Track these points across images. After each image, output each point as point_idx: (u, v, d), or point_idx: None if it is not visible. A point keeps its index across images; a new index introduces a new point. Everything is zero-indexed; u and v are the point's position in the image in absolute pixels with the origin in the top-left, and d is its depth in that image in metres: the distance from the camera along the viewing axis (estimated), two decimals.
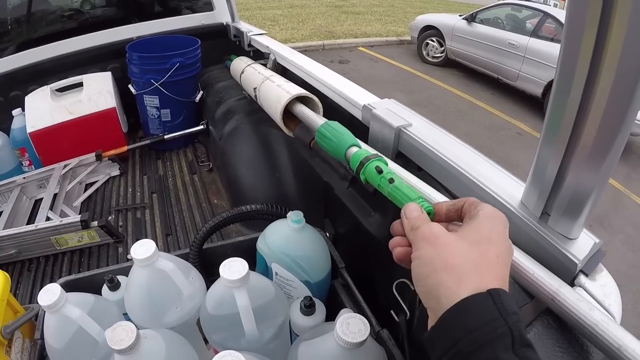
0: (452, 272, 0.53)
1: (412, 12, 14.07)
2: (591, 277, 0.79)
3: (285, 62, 2.11)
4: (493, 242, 0.56)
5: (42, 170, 2.40)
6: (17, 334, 1.07)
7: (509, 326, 0.47)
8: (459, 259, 0.54)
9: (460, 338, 0.47)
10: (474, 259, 0.54)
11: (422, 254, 0.57)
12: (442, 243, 0.56)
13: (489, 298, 0.49)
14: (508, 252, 0.58)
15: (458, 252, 0.54)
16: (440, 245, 0.56)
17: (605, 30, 0.57)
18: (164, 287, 0.94)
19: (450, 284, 0.52)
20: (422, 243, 0.58)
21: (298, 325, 1.02)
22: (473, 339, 0.47)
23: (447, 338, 0.49)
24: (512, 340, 0.46)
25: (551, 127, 0.73)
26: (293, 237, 1.07)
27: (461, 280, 0.51)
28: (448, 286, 0.51)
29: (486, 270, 0.53)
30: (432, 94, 8.02)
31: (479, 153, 1.08)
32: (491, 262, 0.54)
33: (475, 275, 0.52)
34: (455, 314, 0.50)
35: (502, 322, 0.47)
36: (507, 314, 0.48)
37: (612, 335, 0.63)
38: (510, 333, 0.46)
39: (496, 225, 0.58)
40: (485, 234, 0.57)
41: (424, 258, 0.56)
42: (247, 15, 12.31)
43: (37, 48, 2.64)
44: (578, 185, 0.73)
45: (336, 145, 1.11)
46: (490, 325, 0.47)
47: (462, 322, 0.48)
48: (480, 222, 0.58)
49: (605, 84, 0.60)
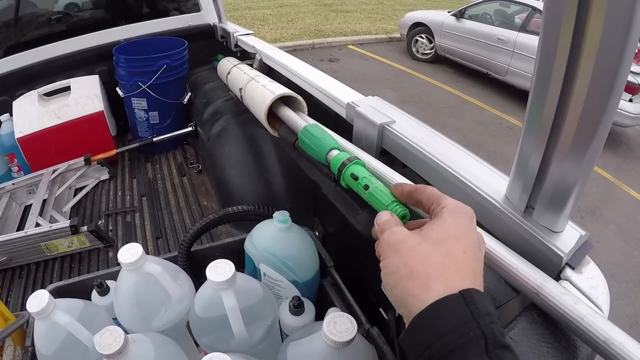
0: (417, 279, 0.52)
1: (401, 9, 14.06)
2: (577, 270, 0.79)
3: (271, 62, 2.11)
4: (458, 239, 0.56)
5: (31, 176, 2.38)
6: (8, 341, 1.06)
7: (481, 329, 0.46)
8: (423, 264, 0.53)
9: (432, 342, 0.47)
10: (438, 261, 0.53)
11: (388, 262, 0.57)
12: (405, 249, 0.56)
13: (461, 299, 0.49)
14: (477, 246, 0.57)
15: (422, 257, 0.54)
16: (403, 252, 0.56)
17: (584, 20, 0.57)
18: (152, 291, 0.94)
19: (417, 291, 0.51)
20: (386, 250, 0.58)
21: (287, 326, 1.02)
22: (445, 343, 0.46)
23: (419, 342, 0.49)
24: (485, 343, 0.45)
25: (532, 119, 0.73)
26: (280, 237, 1.07)
27: (427, 286, 0.51)
28: (414, 294, 0.51)
29: (453, 271, 0.53)
30: (422, 90, 8.03)
31: (463, 149, 1.09)
32: (458, 260, 0.54)
33: (441, 279, 0.51)
34: (426, 318, 0.49)
35: (475, 325, 0.47)
36: (480, 315, 0.47)
37: (598, 329, 0.63)
38: (483, 336, 0.46)
39: (461, 220, 0.58)
40: (450, 232, 0.56)
41: (389, 267, 0.56)
42: (237, 15, 12.28)
43: (23, 52, 2.62)
44: (561, 177, 0.73)
45: (316, 151, 1.12)
46: (462, 328, 0.46)
47: (433, 326, 0.48)
48: (445, 220, 0.58)
49: (584, 74, 0.61)
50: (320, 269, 1.16)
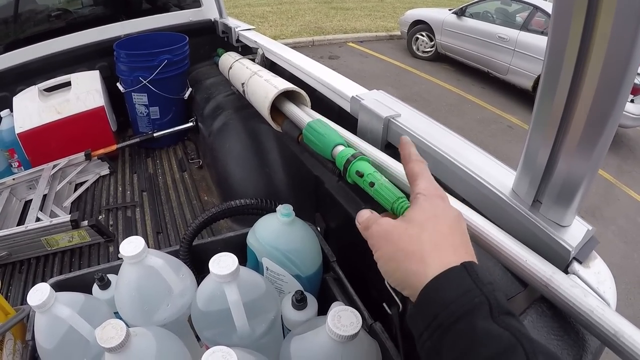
0: (414, 258, 0.55)
1: (402, 7, 14.05)
2: (585, 265, 0.79)
3: (274, 57, 2.10)
4: (439, 217, 0.59)
5: (32, 171, 2.38)
6: (8, 335, 1.05)
7: (485, 295, 0.49)
8: (416, 244, 0.56)
9: (438, 312, 0.49)
10: (429, 239, 0.56)
11: (382, 252, 0.60)
12: (395, 235, 0.59)
13: (463, 270, 0.52)
14: (457, 220, 0.61)
15: (413, 238, 0.57)
16: (394, 238, 0.59)
17: (593, 17, 0.57)
18: (154, 285, 0.93)
19: (416, 268, 0.54)
20: (378, 242, 0.61)
21: (290, 320, 1.01)
22: (451, 311, 0.48)
23: (427, 314, 0.50)
24: (490, 308, 0.48)
25: (541, 112, 0.73)
26: (283, 231, 1.06)
27: (425, 262, 0.54)
28: (414, 271, 0.54)
29: (444, 245, 0.56)
30: (422, 88, 8.03)
31: (469, 142, 1.08)
32: (446, 235, 0.57)
33: (435, 253, 0.54)
34: (431, 290, 0.52)
35: (478, 292, 0.49)
36: (482, 284, 0.50)
37: (608, 321, 0.62)
38: (487, 301, 0.48)
39: (436, 202, 0.61)
40: (429, 213, 0.59)
41: (385, 256, 0.59)
42: (236, 12, 12.26)
43: (24, 48, 2.61)
44: (569, 172, 0.72)
45: (321, 148, 1.11)
46: (467, 296, 0.49)
47: (439, 297, 0.50)
48: (421, 204, 0.61)
49: (594, 68, 0.60)
50: (323, 264, 1.16)
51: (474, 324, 0.46)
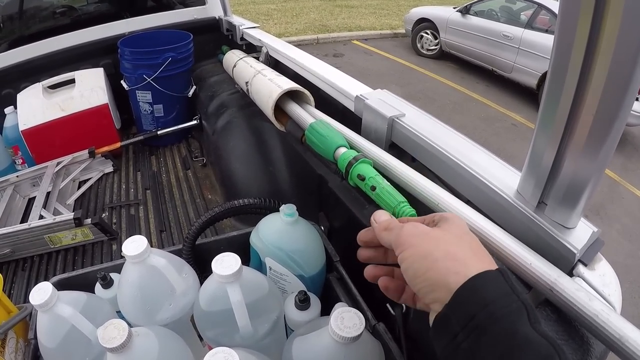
0: (455, 259, 0.54)
1: (406, 5, 14.04)
2: (590, 267, 0.78)
3: (278, 55, 2.10)
4: (471, 235, 0.60)
5: (35, 169, 2.39)
6: (11, 334, 1.05)
7: (522, 301, 0.48)
8: (458, 247, 0.56)
9: (476, 312, 0.48)
10: (468, 247, 0.57)
11: (414, 250, 0.57)
12: (433, 236, 0.58)
13: (500, 275, 0.52)
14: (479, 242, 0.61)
15: (452, 242, 0.56)
16: (432, 238, 0.57)
17: (601, 17, 0.56)
18: (157, 284, 0.93)
19: (459, 268, 0.52)
20: (410, 240, 0.59)
21: (293, 320, 1.01)
22: (490, 312, 0.47)
23: (463, 313, 0.49)
24: (528, 314, 0.47)
25: (547, 114, 0.72)
26: (286, 231, 1.06)
27: (467, 265, 0.53)
28: (457, 271, 0.52)
29: (482, 255, 0.57)
30: (426, 86, 8.01)
31: (473, 143, 1.08)
32: (481, 249, 0.58)
33: (476, 260, 0.54)
34: (470, 290, 0.50)
35: (516, 297, 0.49)
36: (518, 290, 0.50)
37: (613, 326, 0.62)
38: (525, 307, 0.48)
39: (463, 223, 0.62)
40: (462, 230, 0.60)
41: (417, 253, 0.57)
42: (241, 10, 12.26)
43: (28, 45, 2.62)
44: (575, 173, 0.72)
45: (323, 149, 1.11)
46: (505, 299, 0.48)
47: (477, 297, 0.49)
48: (453, 221, 0.61)
49: (601, 70, 0.59)
50: (327, 264, 1.15)
51: (514, 328, 0.46)
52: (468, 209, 0.86)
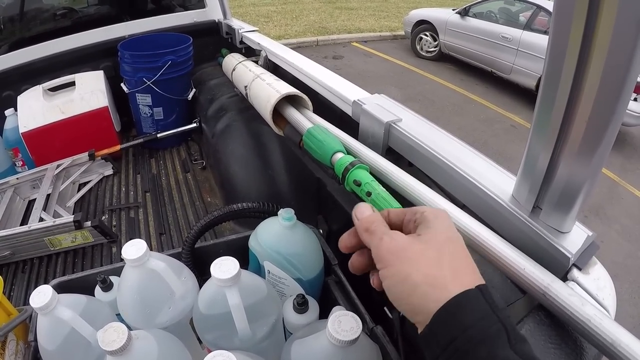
0: (434, 283, 0.51)
1: (406, 7, 14.03)
2: (584, 271, 0.79)
3: (277, 59, 2.10)
4: (453, 239, 0.56)
5: (35, 171, 2.39)
6: (11, 336, 1.06)
7: (502, 322, 0.47)
8: (436, 268, 0.52)
9: (456, 336, 0.47)
10: (450, 264, 0.53)
11: (394, 270, 0.54)
12: (411, 255, 0.54)
13: (479, 294, 0.49)
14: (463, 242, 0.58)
15: (432, 262, 0.53)
16: (410, 258, 0.54)
17: (594, 18, 0.57)
18: (156, 287, 0.94)
19: (438, 295, 0.50)
20: (389, 258, 0.55)
21: (291, 324, 1.02)
22: (469, 336, 0.46)
23: (443, 336, 0.48)
24: (508, 336, 0.46)
25: (541, 119, 0.73)
26: (284, 235, 1.07)
27: (447, 289, 0.50)
28: (436, 298, 0.50)
29: (463, 271, 0.53)
30: (426, 88, 8.01)
31: (470, 147, 1.08)
32: (463, 260, 0.55)
33: (457, 280, 0.51)
34: (448, 313, 0.49)
35: (495, 319, 0.47)
36: (498, 309, 0.48)
37: (605, 330, 0.62)
38: (504, 329, 0.46)
39: (446, 222, 0.58)
40: (445, 235, 0.56)
41: (398, 275, 0.54)
42: (241, 12, 12.26)
43: (29, 47, 2.62)
44: (569, 178, 0.72)
45: (320, 155, 1.12)
46: (485, 321, 0.47)
47: (457, 320, 0.48)
48: (434, 224, 0.57)
49: (594, 74, 0.60)
50: (325, 267, 1.16)
51: (494, 353, 0.45)
52: (463, 214, 0.86)
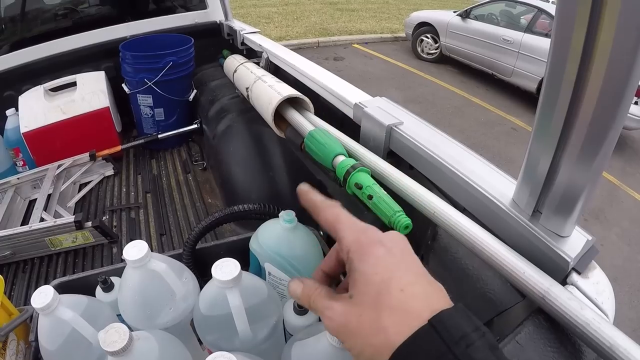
0: (377, 348, 0.46)
1: (407, 8, 14.04)
2: (584, 275, 0.79)
3: (278, 61, 2.10)
4: (386, 280, 0.49)
5: (36, 171, 2.39)
6: (12, 336, 1.06)
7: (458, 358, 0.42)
8: (379, 334, 0.46)
9: None
10: (390, 322, 0.46)
11: (349, 346, 0.49)
12: (352, 330, 0.49)
13: (431, 331, 0.44)
14: (405, 254, 0.52)
15: (373, 329, 0.47)
16: (354, 334, 0.49)
17: (596, 25, 0.57)
18: (157, 288, 0.94)
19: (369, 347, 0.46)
20: (339, 336, 0.51)
21: (292, 325, 1.02)
22: None
23: None
24: None
25: (542, 123, 0.73)
26: (285, 237, 1.07)
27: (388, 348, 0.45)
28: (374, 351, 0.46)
29: (407, 320, 0.46)
30: (426, 90, 8.02)
31: (470, 151, 1.08)
32: (404, 303, 0.47)
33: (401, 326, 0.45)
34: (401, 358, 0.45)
35: (450, 357, 0.42)
36: (454, 342, 0.43)
37: (604, 334, 0.62)
38: None
39: (371, 253, 0.51)
40: (375, 280, 0.49)
41: (354, 349, 0.49)
42: (242, 12, 12.27)
43: (30, 47, 2.62)
44: (570, 182, 0.73)
45: (322, 157, 1.12)
46: None
47: None
48: (359, 269, 0.51)
49: (596, 79, 0.60)
50: None
51: None
52: (464, 217, 0.87)
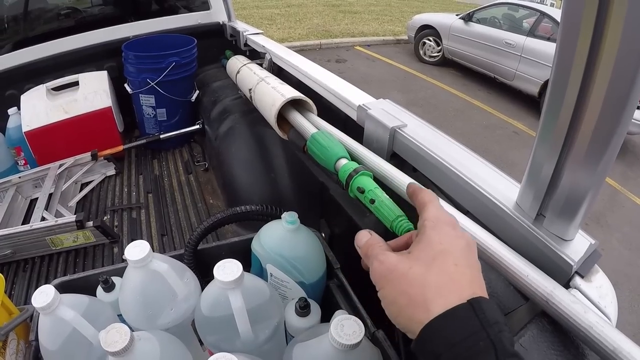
0: (416, 304, 0.51)
1: (409, 11, 14.07)
2: (587, 279, 0.79)
3: (281, 62, 2.10)
4: (447, 252, 0.55)
5: (38, 170, 2.40)
6: (12, 335, 1.06)
7: (491, 339, 0.46)
8: (419, 288, 0.52)
9: (441, 352, 0.47)
10: (434, 282, 0.52)
11: (385, 293, 0.56)
12: (397, 277, 0.55)
13: (470, 309, 0.49)
14: (467, 251, 0.57)
15: (416, 281, 0.53)
16: (397, 280, 0.55)
17: (602, 29, 0.56)
18: (159, 289, 0.94)
19: (421, 316, 0.50)
20: (380, 281, 0.57)
21: (293, 327, 1.01)
22: (455, 353, 0.46)
23: (429, 352, 0.48)
24: (496, 353, 0.45)
25: (547, 127, 0.73)
26: (287, 238, 1.06)
27: (428, 309, 0.50)
28: (419, 320, 0.50)
29: (450, 288, 0.52)
30: (429, 93, 8.02)
31: (474, 154, 1.08)
32: (452, 275, 0.53)
33: (440, 299, 0.50)
34: (433, 331, 0.49)
35: (484, 335, 0.46)
36: (489, 324, 0.47)
37: (607, 338, 0.62)
38: (492, 346, 0.46)
39: (444, 230, 0.58)
40: (436, 247, 0.55)
41: (387, 297, 0.56)
42: (245, 14, 12.28)
43: (33, 47, 2.62)
44: (574, 186, 0.72)
45: (324, 160, 1.11)
46: (472, 338, 0.46)
47: (443, 337, 0.48)
48: (428, 235, 0.57)
49: (601, 83, 0.60)
50: (327, 271, 1.16)
51: None
52: (467, 220, 0.86)
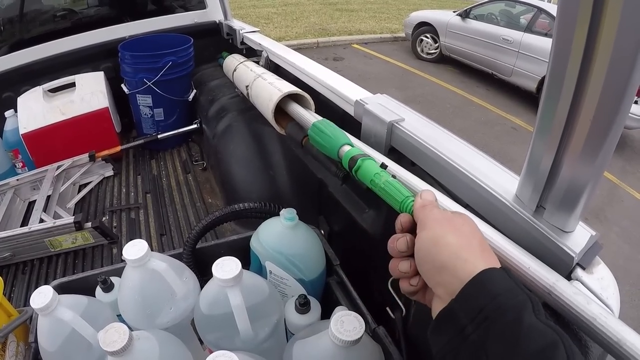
0: (469, 248, 0.58)
1: (406, 8, 14.04)
2: (588, 271, 0.78)
3: (278, 59, 2.09)
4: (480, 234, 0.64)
5: (36, 172, 2.39)
6: (11, 337, 1.06)
7: (527, 295, 0.53)
8: (472, 237, 0.61)
9: (485, 304, 0.51)
10: (478, 243, 0.60)
11: (432, 233, 0.61)
12: (456, 224, 0.62)
13: (504, 272, 0.56)
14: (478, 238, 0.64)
15: (470, 233, 0.62)
16: (452, 225, 0.62)
17: (598, 21, 0.56)
18: (157, 288, 0.93)
19: (469, 257, 0.57)
20: (432, 224, 0.63)
21: (293, 324, 1.01)
22: (498, 303, 0.51)
23: (472, 306, 0.53)
24: (532, 305, 0.51)
25: (545, 118, 0.72)
26: (286, 235, 1.06)
27: (477, 256, 0.57)
28: (466, 259, 0.57)
29: (489, 253, 0.61)
30: (426, 90, 8.01)
31: (472, 147, 1.07)
32: (488, 248, 0.62)
33: (484, 258, 0.58)
34: (478, 284, 0.54)
35: (520, 291, 0.53)
36: (522, 286, 0.54)
37: (611, 329, 0.62)
38: (530, 300, 0.52)
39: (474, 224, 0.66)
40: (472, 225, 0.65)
41: (434, 237, 0.61)
42: (241, 13, 12.27)
43: (29, 48, 2.62)
44: (573, 177, 0.72)
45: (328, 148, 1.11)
46: (512, 292, 0.52)
47: (486, 290, 0.53)
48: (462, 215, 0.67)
49: (598, 74, 0.59)
50: (327, 268, 1.15)
51: (520, 318, 0.49)
52: (467, 213, 0.86)
